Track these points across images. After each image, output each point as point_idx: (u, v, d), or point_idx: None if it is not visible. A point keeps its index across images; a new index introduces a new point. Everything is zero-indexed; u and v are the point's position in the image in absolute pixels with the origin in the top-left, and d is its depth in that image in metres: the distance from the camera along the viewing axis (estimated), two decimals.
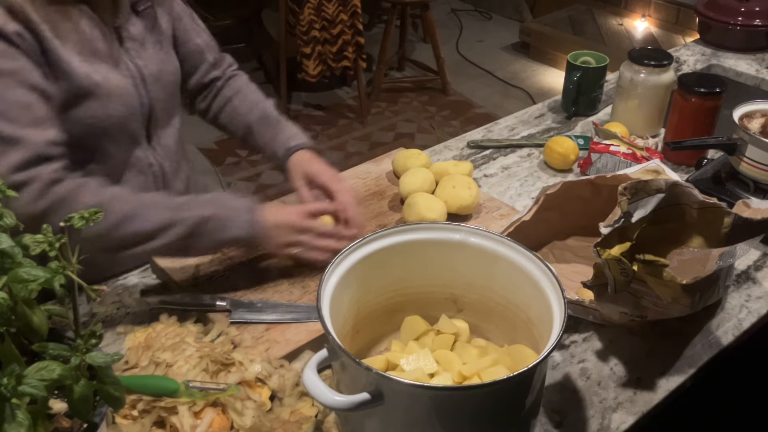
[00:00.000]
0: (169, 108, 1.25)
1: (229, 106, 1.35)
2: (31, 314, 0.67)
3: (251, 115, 1.32)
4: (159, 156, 1.24)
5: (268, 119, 1.31)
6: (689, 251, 1.02)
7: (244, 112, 1.33)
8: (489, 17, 5.14)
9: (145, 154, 1.22)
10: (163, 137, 1.25)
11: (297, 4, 3.35)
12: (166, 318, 1.07)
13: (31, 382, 0.60)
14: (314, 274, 1.17)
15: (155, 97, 1.20)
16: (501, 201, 1.37)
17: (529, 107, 1.81)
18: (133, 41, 1.16)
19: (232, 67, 1.40)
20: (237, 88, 1.36)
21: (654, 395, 1.00)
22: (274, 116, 1.32)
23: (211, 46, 1.35)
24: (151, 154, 1.23)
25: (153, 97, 1.19)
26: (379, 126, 3.81)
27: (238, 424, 0.88)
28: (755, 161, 1.32)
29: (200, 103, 1.38)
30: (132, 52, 1.16)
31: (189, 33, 1.30)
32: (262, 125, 1.31)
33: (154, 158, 1.23)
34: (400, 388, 0.77)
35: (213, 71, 1.36)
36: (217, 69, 1.37)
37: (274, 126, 1.30)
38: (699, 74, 1.72)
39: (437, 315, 1.02)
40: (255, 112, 1.32)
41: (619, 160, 1.42)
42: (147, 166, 1.22)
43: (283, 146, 1.27)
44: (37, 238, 0.66)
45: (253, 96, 1.35)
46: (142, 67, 1.17)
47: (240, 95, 1.35)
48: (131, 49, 1.16)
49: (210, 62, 1.35)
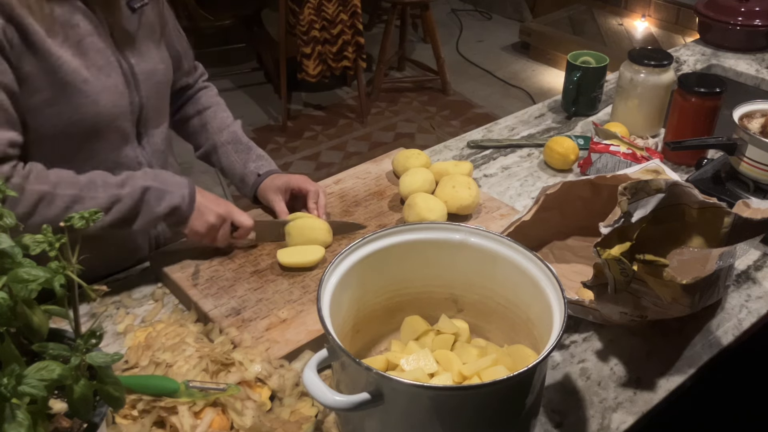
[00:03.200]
0: (159, 107, 1.25)
1: (197, 120, 1.39)
2: (31, 314, 0.67)
3: (220, 136, 1.37)
4: (147, 155, 1.24)
5: (238, 144, 1.37)
6: (689, 251, 1.02)
7: (212, 131, 1.38)
8: (489, 17, 5.14)
9: (134, 152, 1.22)
10: (153, 137, 1.25)
11: (297, 4, 3.35)
12: (167, 318, 1.07)
13: (31, 382, 0.60)
14: (314, 274, 1.17)
15: (146, 96, 1.19)
16: (501, 201, 1.37)
17: (529, 107, 1.81)
18: (126, 39, 1.16)
19: (203, 78, 1.43)
20: (207, 103, 1.40)
21: (654, 395, 1.00)
22: (244, 142, 1.38)
23: (188, 55, 1.37)
24: (140, 153, 1.23)
25: (144, 96, 1.19)
26: (379, 126, 3.81)
27: (238, 424, 0.88)
28: (755, 161, 1.32)
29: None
30: (126, 50, 1.16)
31: (171, 38, 1.31)
32: (230, 148, 1.36)
33: (143, 157, 1.23)
34: (400, 388, 0.77)
35: (185, 79, 1.39)
36: (189, 77, 1.40)
37: (245, 152, 1.36)
38: (699, 74, 1.72)
39: (437, 315, 1.02)
40: (225, 133, 1.37)
41: (619, 160, 1.42)
42: (136, 165, 1.22)
43: (254, 173, 1.34)
44: (37, 238, 0.66)
45: (223, 115, 1.40)
46: (135, 65, 1.17)
47: (210, 111, 1.39)
48: (125, 47, 1.16)
49: (184, 70, 1.37)
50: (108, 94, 1.12)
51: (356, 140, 3.68)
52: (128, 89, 1.15)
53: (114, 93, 1.13)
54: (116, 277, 1.20)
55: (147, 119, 1.22)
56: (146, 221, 1.12)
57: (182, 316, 1.10)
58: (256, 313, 1.09)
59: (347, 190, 1.40)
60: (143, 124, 1.22)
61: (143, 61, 1.18)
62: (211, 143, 1.37)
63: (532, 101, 3.96)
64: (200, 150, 1.39)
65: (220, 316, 1.08)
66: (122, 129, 1.17)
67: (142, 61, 1.18)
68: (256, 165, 1.34)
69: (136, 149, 1.22)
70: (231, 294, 1.13)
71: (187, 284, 1.14)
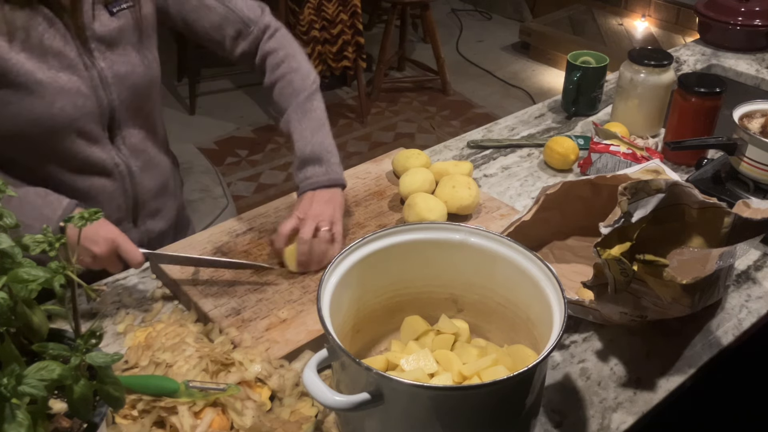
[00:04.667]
0: (136, 108, 1.24)
1: (274, 95, 1.28)
2: (31, 314, 0.67)
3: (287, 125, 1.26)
4: (124, 156, 1.24)
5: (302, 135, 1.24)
6: (689, 251, 1.02)
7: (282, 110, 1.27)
8: (489, 17, 5.14)
9: (109, 154, 1.21)
10: (128, 137, 1.24)
11: (297, 4, 3.35)
12: (167, 318, 1.07)
13: (31, 382, 0.60)
14: (314, 274, 1.17)
15: (118, 98, 1.19)
16: (501, 201, 1.37)
17: (529, 107, 1.81)
18: (99, 42, 1.15)
19: (268, 32, 1.30)
20: (273, 76, 1.28)
21: (654, 395, 1.00)
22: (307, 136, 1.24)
23: (230, 19, 1.27)
24: (115, 154, 1.23)
25: (115, 98, 1.18)
26: (379, 126, 3.81)
27: (238, 424, 0.88)
28: (755, 161, 1.32)
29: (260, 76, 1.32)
30: (96, 53, 1.15)
31: (198, 12, 1.25)
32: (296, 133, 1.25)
33: (119, 158, 1.23)
34: (400, 388, 0.77)
35: (241, 44, 1.29)
36: (244, 41, 1.29)
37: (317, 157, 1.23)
38: (699, 74, 1.72)
39: (437, 315, 1.02)
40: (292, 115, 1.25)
41: (619, 160, 1.42)
42: (113, 166, 1.22)
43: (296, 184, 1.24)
44: (36, 238, 0.66)
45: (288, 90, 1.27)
46: (105, 69, 1.16)
47: (277, 87, 1.27)
48: (96, 49, 1.15)
49: (231, 36, 1.28)
50: (65, 95, 1.12)
51: (356, 140, 3.68)
52: (94, 93, 1.15)
53: (73, 95, 1.13)
54: (116, 277, 1.20)
55: (120, 121, 1.21)
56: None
57: (182, 316, 1.10)
58: (256, 313, 1.09)
59: (347, 190, 1.40)
60: (116, 126, 1.21)
61: (116, 63, 1.17)
62: (287, 131, 1.26)
63: (532, 101, 3.96)
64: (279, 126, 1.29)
65: (220, 316, 1.08)
66: (86, 130, 1.17)
67: (114, 63, 1.17)
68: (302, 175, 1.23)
69: (110, 150, 1.22)
70: (231, 294, 1.13)
71: (187, 284, 1.14)
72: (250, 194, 3.21)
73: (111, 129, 1.21)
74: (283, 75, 1.28)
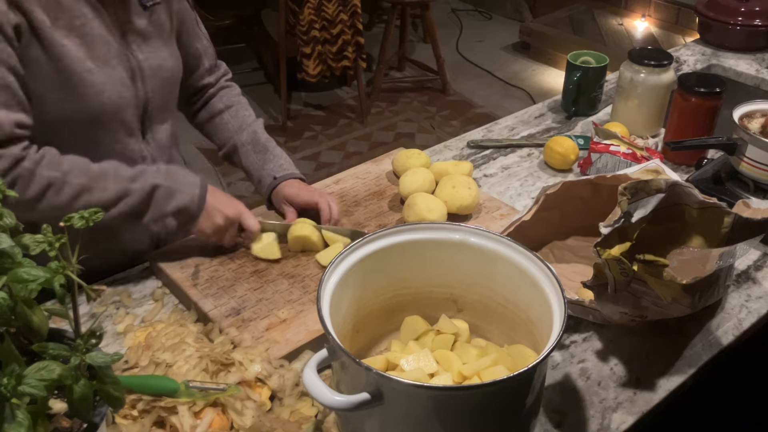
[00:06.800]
0: (165, 104, 1.26)
1: (219, 119, 1.38)
2: (31, 314, 0.67)
3: (240, 136, 1.36)
4: (152, 150, 1.25)
5: (257, 144, 1.35)
6: (689, 251, 1.02)
7: (232, 130, 1.37)
8: (489, 17, 5.14)
9: (139, 147, 1.22)
10: (157, 132, 1.26)
11: (297, 4, 3.35)
12: (167, 318, 1.07)
13: (31, 382, 0.60)
14: (314, 274, 1.17)
15: (152, 91, 1.20)
16: (501, 201, 1.37)
17: (529, 107, 1.81)
18: (136, 35, 1.17)
19: (226, 77, 1.43)
20: (229, 102, 1.39)
21: (654, 395, 1.00)
22: (263, 142, 1.36)
23: (209, 53, 1.37)
24: (144, 148, 1.23)
25: (150, 91, 1.20)
26: (379, 126, 3.81)
27: (238, 424, 0.88)
28: (755, 161, 1.32)
29: (189, 106, 1.41)
30: (134, 45, 1.17)
31: (191, 36, 1.32)
32: (249, 148, 1.35)
33: (147, 152, 1.24)
34: (400, 388, 0.77)
35: (207, 77, 1.38)
36: (211, 75, 1.39)
37: (263, 153, 1.35)
38: (699, 74, 1.72)
39: (437, 315, 1.02)
40: (244, 133, 1.36)
41: (619, 160, 1.42)
42: (141, 159, 1.23)
43: (269, 175, 1.32)
44: (36, 238, 0.66)
45: (243, 113, 1.39)
46: (142, 61, 1.18)
47: (231, 111, 1.38)
48: (133, 42, 1.17)
49: (205, 67, 1.37)
50: (112, 85, 1.13)
51: (356, 140, 3.68)
52: (133, 83, 1.17)
53: (119, 84, 1.14)
54: (116, 277, 1.20)
55: (152, 114, 1.23)
56: (154, 217, 1.14)
57: (182, 316, 1.10)
58: (256, 313, 1.09)
59: (347, 190, 1.40)
60: (148, 119, 1.23)
61: (151, 56, 1.19)
62: (232, 143, 1.36)
63: (532, 101, 3.96)
64: (222, 150, 1.39)
65: (220, 316, 1.08)
66: (127, 122, 1.18)
67: (149, 56, 1.19)
68: (273, 166, 1.34)
69: (141, 144, 1.23)
70: (231, 294, 1.13)
71: (187, 284, 1.14)
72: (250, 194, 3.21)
73: (143, 122, 1.22)
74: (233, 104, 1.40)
